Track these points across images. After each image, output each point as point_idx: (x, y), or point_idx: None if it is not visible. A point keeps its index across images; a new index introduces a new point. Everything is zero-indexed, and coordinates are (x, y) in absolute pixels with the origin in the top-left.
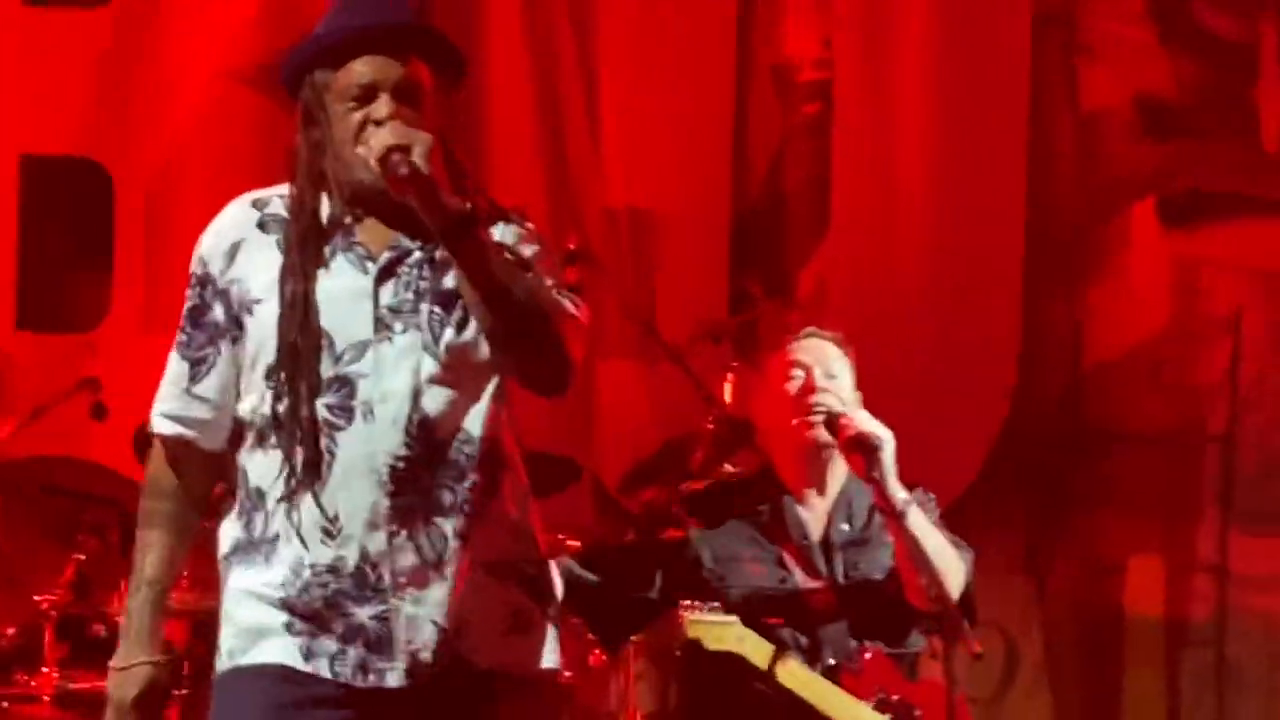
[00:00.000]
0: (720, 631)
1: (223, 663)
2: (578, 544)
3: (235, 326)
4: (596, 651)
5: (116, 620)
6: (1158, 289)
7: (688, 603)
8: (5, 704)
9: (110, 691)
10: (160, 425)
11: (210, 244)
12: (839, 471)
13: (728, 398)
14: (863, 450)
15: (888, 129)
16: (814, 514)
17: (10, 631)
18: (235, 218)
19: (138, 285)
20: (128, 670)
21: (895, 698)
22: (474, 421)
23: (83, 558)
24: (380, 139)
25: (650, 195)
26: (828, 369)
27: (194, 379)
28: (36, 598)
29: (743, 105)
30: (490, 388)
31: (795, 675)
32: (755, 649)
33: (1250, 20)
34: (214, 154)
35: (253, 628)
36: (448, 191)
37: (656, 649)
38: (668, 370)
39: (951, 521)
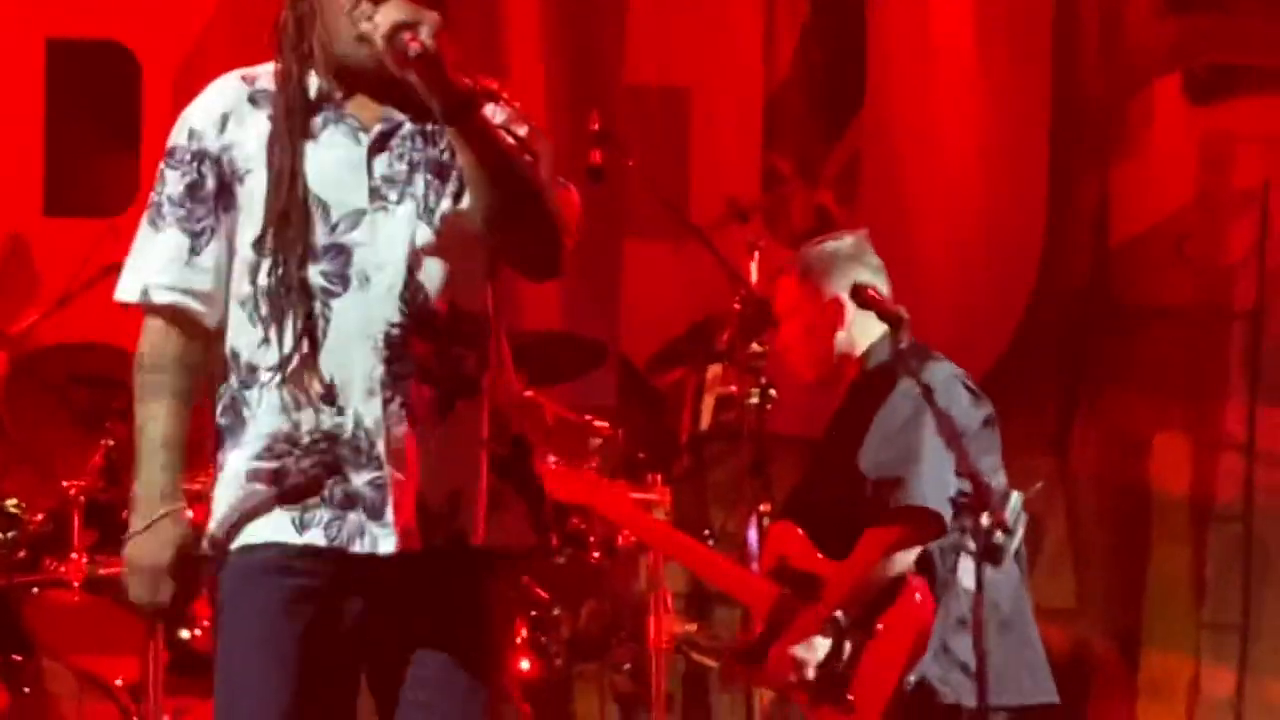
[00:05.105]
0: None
1: (219, 541)
2: (605, 425)
3: (228, 194)
4: (624, 533)
5: None
6: (1183, 164)
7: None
8: (35, 589)
9: (133, 563)
10: (160, 296)
11: (200, 116)
12: None
13: (754, 277)
14: None
15: (921, 3)
16: None
17: (39, 517)
18: (223, 90)
19: None
20: (151, 528)
21: (798, 569)
22: (465, 295)
23: (111, 444)
24: (387, 15)
25: (680, 72)
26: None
27: (195, 250)
28: (65, 484)
29: None
30: (482, 263)
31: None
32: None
33: None
34: (241, 37)
35: (246, 506)
36: (451, 71)
37: None
38: (695, 250)
39: None
